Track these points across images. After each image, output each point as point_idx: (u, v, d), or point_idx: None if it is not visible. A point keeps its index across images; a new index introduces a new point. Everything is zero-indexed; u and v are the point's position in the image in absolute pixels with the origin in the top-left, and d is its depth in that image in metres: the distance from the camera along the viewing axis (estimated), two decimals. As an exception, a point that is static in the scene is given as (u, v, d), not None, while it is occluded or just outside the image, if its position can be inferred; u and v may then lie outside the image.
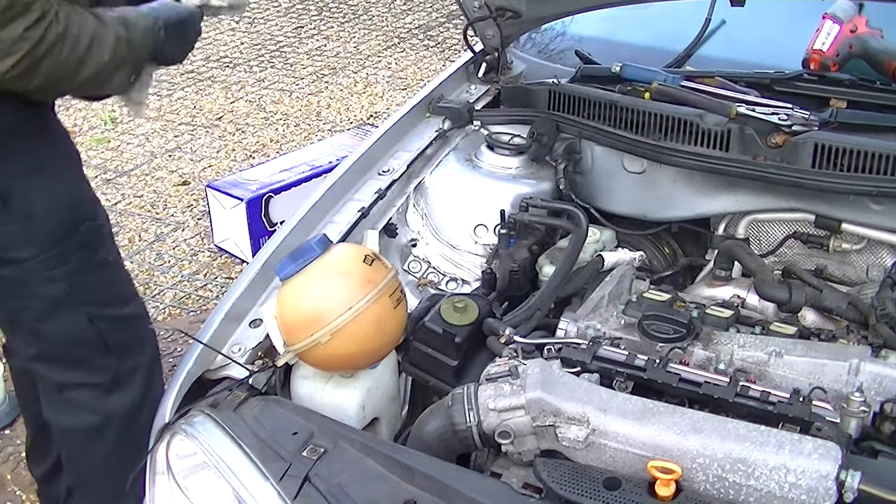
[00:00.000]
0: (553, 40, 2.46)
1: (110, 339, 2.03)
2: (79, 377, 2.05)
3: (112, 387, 2.07)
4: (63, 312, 1.95)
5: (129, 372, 2.09)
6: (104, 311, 2.02)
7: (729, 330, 1.61)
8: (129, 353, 2.09)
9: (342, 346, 1.51)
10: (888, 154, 1.73)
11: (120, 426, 2.09)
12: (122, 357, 2.07)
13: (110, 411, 2.08)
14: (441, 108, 2.21)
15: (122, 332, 2.07)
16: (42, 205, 1.88)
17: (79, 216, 1.97)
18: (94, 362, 2.03)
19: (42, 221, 1.88)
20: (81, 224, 1.96)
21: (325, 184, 1.95)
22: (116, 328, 2.05)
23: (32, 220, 1.87)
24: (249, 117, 5.32)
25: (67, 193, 1.96)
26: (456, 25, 6.46)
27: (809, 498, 1.22)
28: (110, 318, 2.04)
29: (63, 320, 1.96)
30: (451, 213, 2.02)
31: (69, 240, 1.93)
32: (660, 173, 2.00)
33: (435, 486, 1.30)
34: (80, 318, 1.98)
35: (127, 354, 2.08)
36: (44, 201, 1.89)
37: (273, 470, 1.36)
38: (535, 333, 1.64)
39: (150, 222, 4.29)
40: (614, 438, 1.31)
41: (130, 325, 2.11)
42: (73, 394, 2.07)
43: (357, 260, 1.56)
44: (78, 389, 2.06)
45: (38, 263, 1.89)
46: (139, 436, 2.06)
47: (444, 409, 1.42)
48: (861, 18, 2.00)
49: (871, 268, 1.88)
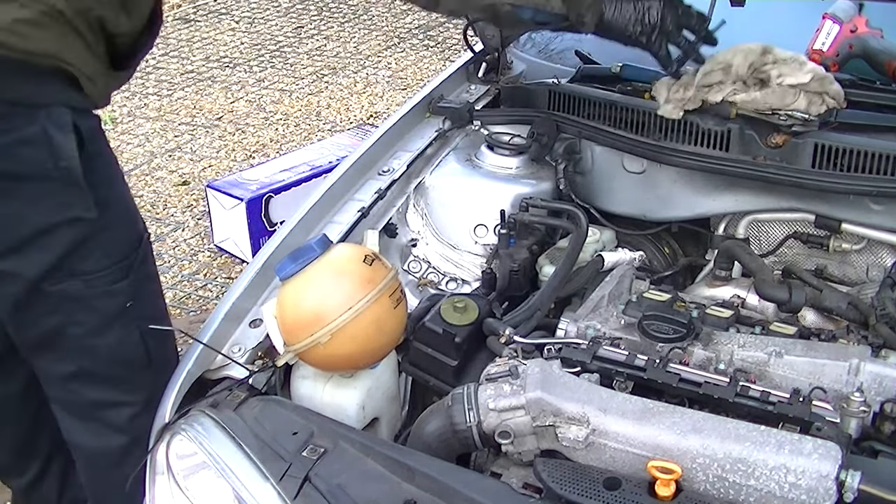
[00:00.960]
0: (553, 40, 2.46)
1: (155, 355, 1.96)
2: (117, 395, 1.97)
3: (147, 405, 1.95)
4: (117, 327, 1.88)
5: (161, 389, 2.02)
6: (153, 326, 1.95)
7: (729, 330, 1.61)
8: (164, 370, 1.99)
9: (342, 346, 1.51)
10: (888, 154, 1.73)
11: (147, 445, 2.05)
12: (159, 374, 1.96)
13: (140, 430, 1.96)
14: (441, 108, 2.21)
15: (164, 347, 2.01)
16: (120, 214, 1.83)
17: (140, 227, 1.91)
18: (135, 380, 1.96)
19: (118, 231, 1.82)
20: (143, 234, 1.91)
21: (325, 184, 1.95)
22: (160, 344, 1.99)
23: (111, 230, 1.79)
24: (249, 117, 5.33)
25: (133, 203, 1.90)
26: (456, 25, 6.45)
27: (809, 498, 1.22)
28: (157, 333, 1.96)
29: (115, 335, 1.89)
30: (451, 212, 2.02)
31: (134, 252, 1.86)
32: (660, 173, 2.00)
33: (435, 486, 1.30)
34: (133, 334, 1.90)
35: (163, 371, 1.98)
36: (121, 211, 1.83)
37: (273, 470, 1.36)
38: (535, 333, 1.64)
39: (150, 222, 4.28)
40: (614, 438, 1.31)
41: (169, 340, 2.06)
42: (107, 413, 1.99)
43: (357, 260, 1.56)
44: (113, 409, 1.98)
45: (103, 276, 1.81)
46: None
47: (444, 409, 1.42)
48: (861, 18, 2.00)
49: (871, 268, 1.88)
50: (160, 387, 2.02)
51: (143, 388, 1.97)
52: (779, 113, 1.83)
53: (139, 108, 5.51)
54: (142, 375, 1.96)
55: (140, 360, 1.94)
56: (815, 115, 1.81)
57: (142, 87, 5.79)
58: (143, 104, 5.56)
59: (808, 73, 1.79)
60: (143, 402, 1.97)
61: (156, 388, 2.00)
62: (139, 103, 5.57)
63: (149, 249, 1.95)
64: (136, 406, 1.98)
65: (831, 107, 1.83)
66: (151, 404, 2.00)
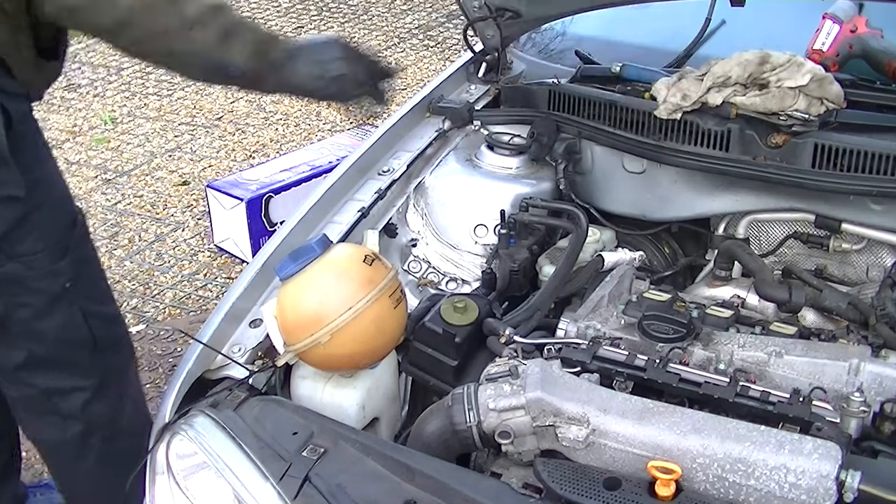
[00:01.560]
0: (553, 40, 2.46)
1: (100, 337, 2.00)
2: (67, 381, 2.01)
3: (98, 390, 2.04)
4: (60, 308, 1.93)
5: (112, 373, 2.07)
6: (96, 308, 2.00)
7: (729, 330, 1.61)
8: (113, 353, 2.07)
9: (342, 346, 1.51)
10: (888, 154, 1.73)
11: (105, 431, 2.07)
12: (107, 357, 2.04)
13: (95, 417, 2.05)
14: (441, 108, 2.21)
15: (109, 330, 2.05)
16: (52, 194, 1.87)
17: (74, 208, 1.96)
18: (84, 363, 2.00)
19: (51, 211, 1.87)
20: (77, 216, 1.95)
21: (325, 184, 1.95)
22: (105, 326, 2.03)
23: (43, 210, 1.84)
24: (249, 117, 5.32)
25: (65, 184, 1.95)
26: (456, 25, 6.45)
27: (809, 498, 1.22)
28: (100, 315, 2.02)
29: (59, 317, 1.93)
30: (451, 212, 2.02)
31: (70, 232, 1.91)
32: (660, 173, 2.00)
33: (435, 486, 1.30)
34: (76, 315, 1.95)
35: (111, 354, 2.06)
36: (53, 191, 1.87)
37: (273, 470, 1.36)
38: (535, 333, 1.64)
39: (150, 222, 4.29)
40: (614, 438, 1.31)
41: (115, 323, 2.10)
42: (60, 402, 2.03)
43: (357, 260, 1.56)
44: (66, 396, 2.03)
45: (43, 257, 1.86)
46: (125, 438, 2.05)
47: (444, 409, 1.42)
48: (861, 18, 2.00)
49: (871, 268, 1.88)
50: (110, 371, 2.05)
51: (93, 372, 2.02)
52: (779, 113, 1.82)
53: (139, 108, 5.51)
54: (90, 359, 2.00)
55: (86, 341, 1.98)
56: (815, 115, 1.81)
57: (142, 87, 5.79)
58: (143, 104, 5.55)
59: (807, 73, 1.79)
60: (94, 387, 2.02)
61: (105, 372, 2.04)
62: (139, 103, 5.57)
63: (85, 231, 1.99)
64: (87, 391, 2.02)
65: (831, 107, 1.83)
66: (103, 390, 2.03)
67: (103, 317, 2.04)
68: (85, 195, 4.53)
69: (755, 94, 1.83)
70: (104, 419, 2.07)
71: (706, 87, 1.85)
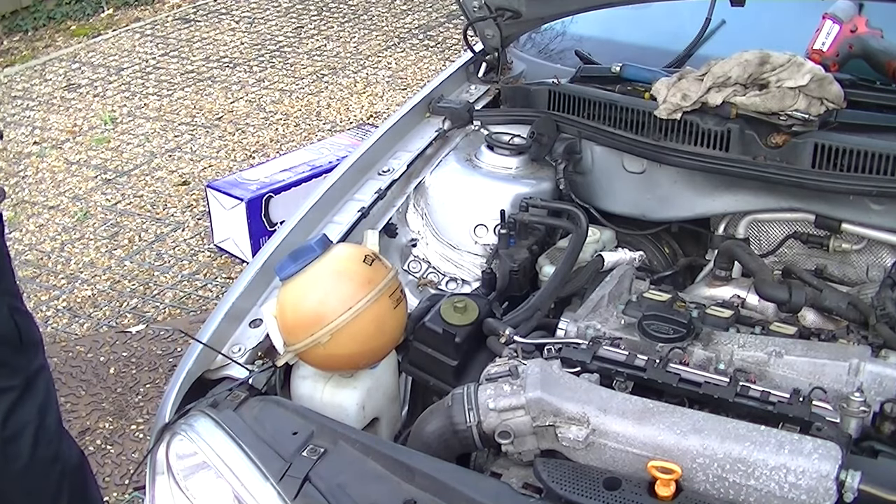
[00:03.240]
0: (553, 40, 2.46)
1: (24, 334, 1.97)
2: None
3: (24, 391, 1.99)
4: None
5: (34, 373, 2.02)
6: (18, 304, 1.97)
7: (729, 330, 1.61)
8: (34, 353, 2.03)
9: (342, 346, 1.51)
10: (888, 154, 1.73)
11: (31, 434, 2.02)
12: (30, 355, 2.01)
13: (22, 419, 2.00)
14: (441, 108, 2.21)
15: (29, 327, 2.02)
16: None
17: None
18: (11, 362, 1.97)
19: None
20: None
21: (325, 184, 1.95)
22: (26, 323, 1.99)
23: None
24: (249, 117, 5.33)
25: None
26: (456, 25, 6.45)
27: (809, 498, 1.22)
28: (22, 311, 1.98)
29: None
30: (451, 213, 2.02)
31: None
32: (660, 173, 2.00)
33: (435, 486, 1.30)
34: (2, 309, 1.92)
35: (33, 353, 2.02)
36: None
37: (273, 470, 1.36)
38: (535, 333, 1.64)
39: (150, 222, 4.29)
40: (614, 438, 1.31)
41: (33, 322, 2.06)
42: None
43: (357, 260, 1.56)
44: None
45: None
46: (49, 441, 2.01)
47: (444, 409, 1.42)
48: (861, 18, 2.00)
49: (871, 268, 1.88)
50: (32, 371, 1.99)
51: (19, 371, 1.98)
52: (779, 113, 1.82)
53: (139, 108, 5.52)
54: (16, 357, 1.97)
55: (13, 339, 1.95)
56: (815, 115, 1.81)
57: (142, 87, 5.79)
58: (143, 104, 5.56)
59: (807, 73, 1.79)
60: (21, 386, 1.98)
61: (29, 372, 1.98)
62: (139, 103, 5.57)
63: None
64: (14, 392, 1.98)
65: (831, 107, 1.83)
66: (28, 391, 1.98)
67: (24, 313, 2.00)
68: (85, 195, 4.53)
69: (755, 94, 1.83)
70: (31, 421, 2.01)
71: (706, 87, 1.85)
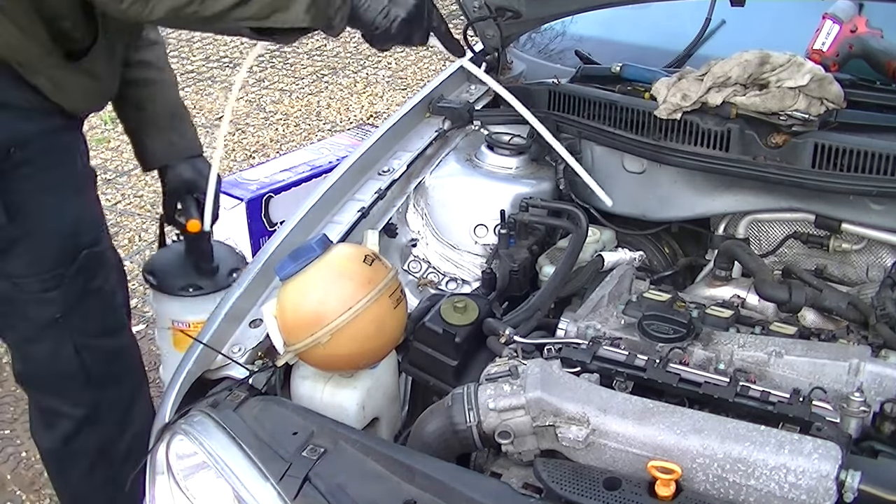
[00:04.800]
0: (553, 40, 2.46)
1: (94, 371, 1.97)
2: (56, 405, 2.00)
3: (89, 419, 2.01)
4: (50, 337, 1.90)
5: (108, 406, 2.03)
6: (92, 342, 1.97)
7: (729, 330, 1.61)
8: (110, 387, 2.03)
9: (342, 346, 1.51)
10: (888, 154, 1.73)
11: (94, 458, 2.05)
12: (102, 390, 2.01)
13: (83, 444, 2.02)
14: (441, 108, 2.21)
15: (108, 364, 2.01)
16: (47, 225, 1.83)
17: (81, 242, 1.91)
18: (73, 394, 1.98)
19: (43, 241, 1.83)
20: (83, 250, 1.90)
21: (325, 184, 1.95)
22: (101, 360, 1.99)
23: (34, 238, 1.81)
24: (249, 117, 5.33)
25: (75, 217, 1.90)
26: (456, 25, 6.45)
27: (809, 498, 1.22)
28: (96, 349, 1.98)
29: (48, 345, 1.91)
30: (451, 212, 2.02)
31: (68, 265, 1.88)
32: (660, 173, 2.00)
33: (435, 486, 1.30)
34: (67, 347, 1.92)
35: (108, 387, 2.02)
36: (50, 222, 1.84)
37: (273, 470, 1.35)
38: (535, 333, 1.64)
39: (150, 222, 4.28)
40: (614, 438, 1.31)
41: (117, 357, 2.05)
42: (51, 419, 2.02)
43: (357, 260, 1.56)
44: (53, 416, 2.01)
45: (34, 282, 1.84)
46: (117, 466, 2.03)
47: (444, 409, 1.42)
48: (861, 18, 2.00)
49: (871, 268, 1.88)
50: (102, 404, 2.00)
51: (82, 402, 1.99)
52: (779, 113, 1.83)
53: (139, 108, 5.51)
54: (81, 390, 1.97)
55: (76, 374, 1.95)
56: (815, 115, 1.81)
57: (142, 87, 5.78)
58: (143, 104, 5.55)
59: (807, 73, 1.79)
60: (81, 417, 2.00)
61: (96, 406, 1.99)
62: (139, 103, 5.56)
63: (90, 265, 1.93)
64: (75, 419, 2.00)
65: (831, 107, 1.83)
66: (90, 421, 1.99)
67: (102, 351, 1.99)
68: (85, 195, 4.53)
69: (755, 94, 1.83)
70: (96, 448, 2.04)
71: (706, 87, 1.85)
